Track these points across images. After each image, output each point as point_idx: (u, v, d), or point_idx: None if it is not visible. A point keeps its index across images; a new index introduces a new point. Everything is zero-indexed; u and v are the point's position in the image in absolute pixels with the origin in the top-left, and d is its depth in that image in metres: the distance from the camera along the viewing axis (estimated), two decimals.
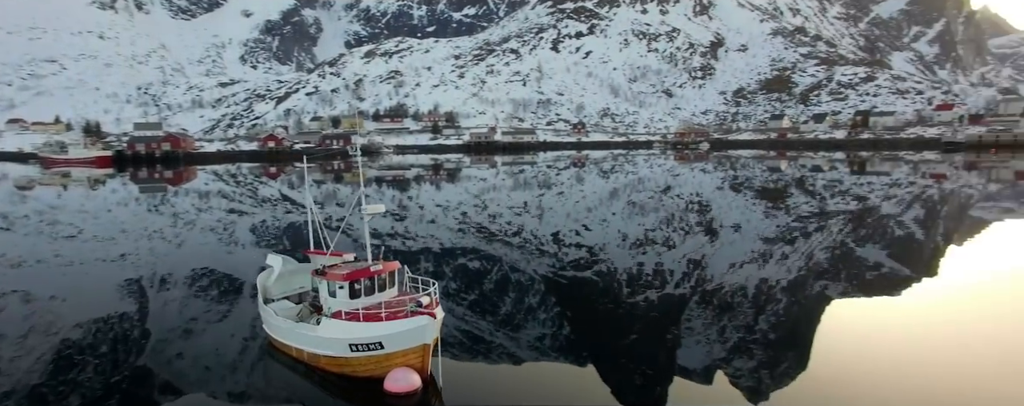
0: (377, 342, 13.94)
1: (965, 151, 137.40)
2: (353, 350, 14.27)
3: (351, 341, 14.19)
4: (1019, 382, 14.44)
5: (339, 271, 15.43)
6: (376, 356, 14.09)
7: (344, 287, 15.01)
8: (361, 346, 14.13)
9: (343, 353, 14.48)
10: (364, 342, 14.06)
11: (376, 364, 14.17)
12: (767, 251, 32.55)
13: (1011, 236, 38.30)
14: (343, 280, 14.98)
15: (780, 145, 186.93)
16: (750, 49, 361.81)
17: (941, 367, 15.61)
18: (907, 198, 59.89)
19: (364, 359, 14.26)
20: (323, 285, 15.64)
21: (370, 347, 14.04)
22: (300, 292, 18.78)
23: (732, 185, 76.32)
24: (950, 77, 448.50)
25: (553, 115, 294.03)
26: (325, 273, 15.60)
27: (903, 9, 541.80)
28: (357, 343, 14.14)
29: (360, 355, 14.25)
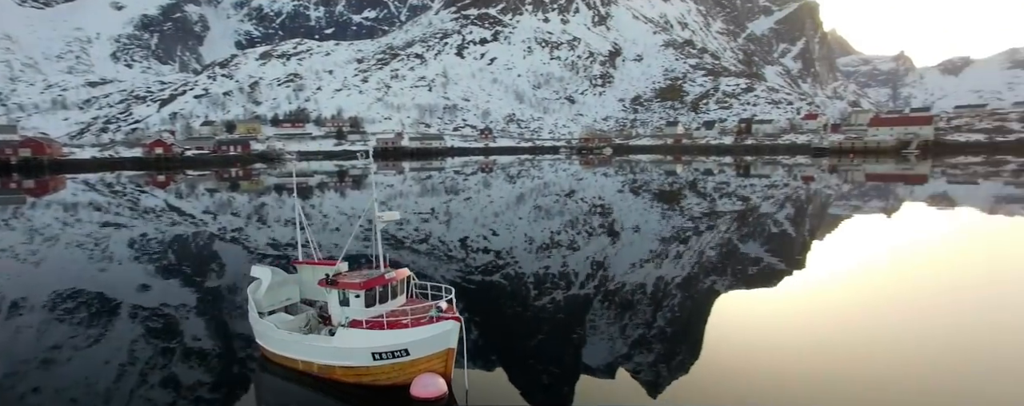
0: (403, 349, 13.88)
1: (829, 156, 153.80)
2: (376, 358, 14.09)
3: (374, 349, 14.00)
4: (885, 359, 16.26)
5: (352, 280, 15.03)
6: (400, 363, 14.02)
7: (360, 296, 14.66)
8: (385, 354, 14.00)
9: (364, 362, 14.25)
10: (389, 350, 13.94)
11: (399, 371, 14.10)
12: (663, 250, 34.15)
13: (861, 230, 43.16)
14: (360, 289, 14.63)
15: (676, 150, 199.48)
16: (645, 59, 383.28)
17: (815, 349, 17.25)
18: (782, 198, 65.89)
19: (387, 367, 14.13)
20: (333, 295, 15.19)
21: (395, 354, 13.96)
22: (287, 304, 17.83)
23: (632, 188, 79.54)
24: (811, 90, 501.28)
25: (460, 120, 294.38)
26: (336, 282, 15.09)
27: (772, 28, 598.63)
28: (381, 351, 13.99)
29: (383, 363, 14.10)
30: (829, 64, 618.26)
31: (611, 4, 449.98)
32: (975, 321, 19.88)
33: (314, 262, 17.54)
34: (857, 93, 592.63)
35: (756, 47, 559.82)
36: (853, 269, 29.08)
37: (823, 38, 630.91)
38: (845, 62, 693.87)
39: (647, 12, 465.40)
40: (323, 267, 16.95)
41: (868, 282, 26.26)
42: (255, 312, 16.75)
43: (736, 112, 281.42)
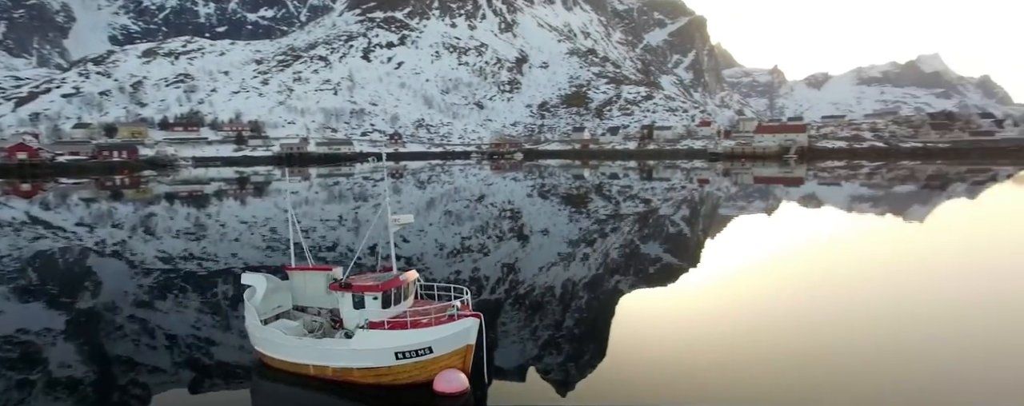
0: (427, 347, 14.17)
1: (723, 160, 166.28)
2: (399, 358, 14.30)
3: (398, 349, 14.21)
4: (777, 346, 17.94)
5: (366, 282, 15.22)
6: (422, 361, 14.28)
7: (378, 297, 14.91)
8: (408, 353, 14.24)
9: (386, 362, 14.44)
10: (413, 348, 14.19)
11: (421, 369, 14.36)
12: (571, 253, 35.15)
13: (749, 227, 47.32)
14: (377, 291, 14.85)
15: (584, 155, 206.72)
16: (551, 66, 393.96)
17: (711, 340, 18.65)
18: (680, 200, 70.35)
19: (409, 366, 14.37)
20: (347, 298, 15.26)
21: (418, 353, 14.22)
22: (279, 311, 17.33)
23: (541, 192, 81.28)
24: (702, 99, 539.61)
25: (368, 125, 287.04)
26: (350, 285, 15.15)
27: (666, 39, 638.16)
28: (405, 350, 14.21)
29: (406, 362, 14.32)
30: (716, 75, 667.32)
31: (517, 12, 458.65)
32: (848, 307, 22.44)
33: (308, 268, 17.43)
34: (740, 102, 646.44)
35: (652, 57, 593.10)
36: (742, 263, 31.73)
37: (711, 51, 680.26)
38: (729, 73, 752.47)
39: (552, 21, 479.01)
40: (317, 272, 17.01)
41: (754, 275, 28.73)
42: (256, 319, 16.18)
43: (637, 118, 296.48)
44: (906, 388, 14.65)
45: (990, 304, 22.45)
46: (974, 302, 22.80)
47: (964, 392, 14.58)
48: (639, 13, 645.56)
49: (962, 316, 20.99)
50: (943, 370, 15.99)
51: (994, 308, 21.91)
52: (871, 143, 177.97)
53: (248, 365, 16.85)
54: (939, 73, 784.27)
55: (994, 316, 20.91)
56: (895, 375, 15.42)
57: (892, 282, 26.81)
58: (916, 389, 14.66)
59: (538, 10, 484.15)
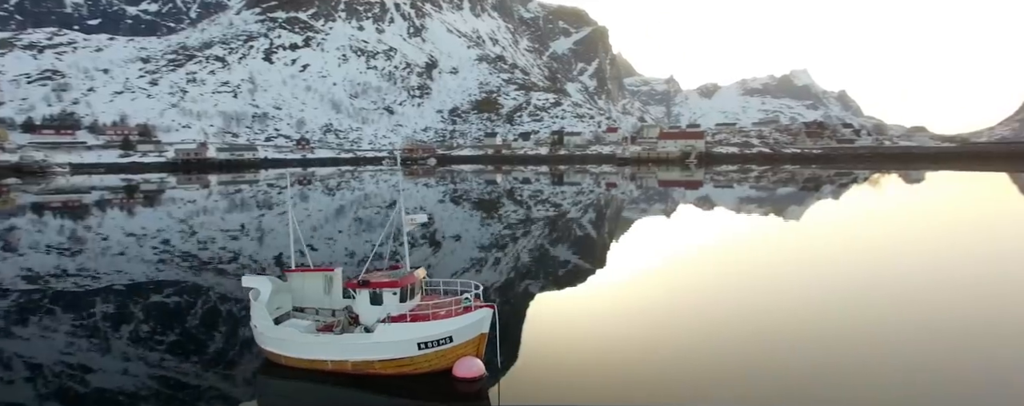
0: (448, 336, 15.10)
1: (631, 165, 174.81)
2: (421, 348, 15.10)
3: (420, 339, 15.03)
4: (686, 342, 19.58)
5: (384, 279, 15.96)
6: (443, 350, 15.16)
7: (396, 293, 15.73)
8: (430, 343, 15.06)
9: (408, 353, 15.19)
10: (435, 338, 15.05)
11: (440, 358, 15.22)
12: (483, 257, 35.80)
13: (653, 227, 50.92)
14: (396, 287, 15.69)
15: (497, 160, 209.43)
16: (461, 72, 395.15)
17: (625, 339, 20.03)
18: (588, 203, 73.89)
19: (431, 355, 15.19)
20: (364, 295, 15.94)
21: (440, 342, 15.08)
22: (279, 313, 17.38)
23: (453, 198, 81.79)
24: (605, 105, 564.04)
25: (272, 130, 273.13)
26: (368, 283, 15.87)
27: (571, 48, 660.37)
28: (426, 340, 15.02)
29: (427, 352, 15.14)
30: (618, 83, 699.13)
31: (426, 16, 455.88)
32: (743, 298, 25.06)
33: (307, 269, 18.03)
34: (641, 109, 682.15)
35: (559, 65, 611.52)
36: (648, 261, 34.17)
37: (613, 60, 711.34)
38: (630, 82, 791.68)
39: (461, 26, 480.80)
40: (315, 274, 17.73)
41: (660, 271, 31.15)
42: (267, 320, 16.46)
43: (547, 124, 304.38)
44: (799, 373, 16.82)
45: (867, 289, 26.17)
46: (852, 288, 26.42)
47: (851, 372, 17.10)
48: (545, 22, 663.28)
49: (848, 301, 24.19)
50: (829, 352, 18.46)
51: (871, 292, 25.58)
52: (759, 149, 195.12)
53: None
54: (808, 86, 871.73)
55: (871, 300, 24.43)
56: (785, 361, 17.69)
57: (777, 273, 30.36)
58: (808, 374, 16.84)
59: (447, 16, 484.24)
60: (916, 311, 22.29)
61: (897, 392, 14.50)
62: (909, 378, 15.58)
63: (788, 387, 14.91)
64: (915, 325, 20.40)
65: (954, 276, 28.31)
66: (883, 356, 17.19)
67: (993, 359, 16.93)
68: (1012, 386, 15.07)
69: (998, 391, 14.65)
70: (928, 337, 18.99)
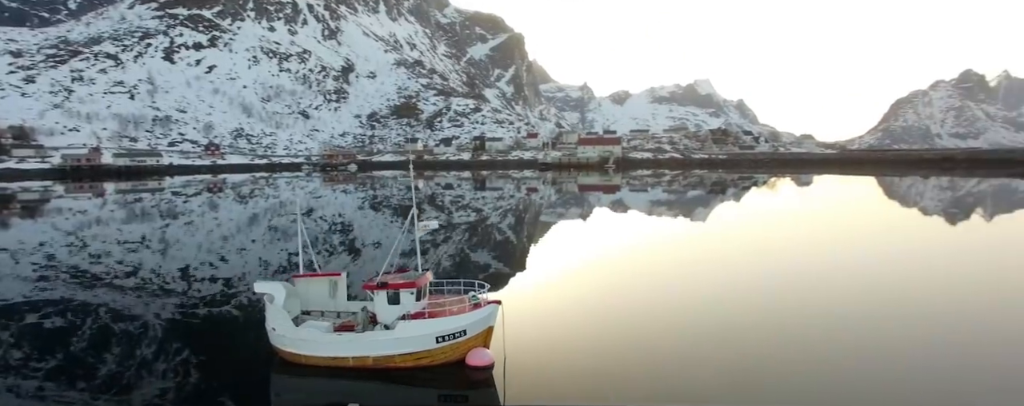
0: (462, 330, 16.88)
1: (553, 170, 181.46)
2: (438, 341, 16.77)
3: (438, 334, 16.70)
4: (613, 343, 20.14)
5: (401, 280, 17.59)
6: (457, 343, 16.93)
7: (413, 292, 17.37)
8: (447, 336, 16.77)
9: (426, 346, 16.79)
10: (451, 332, 16.78)
11: (454, 350, 16.97)
12: (402, 265, 36.04)
13: (574, 229, 55.34)
14: (412, 287, 17.36)
15: (419, 166, 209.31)
16: (379, 76, 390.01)
17: (559, 344, 20.24)
18: (509, 208, 77.15)
19: (447, 347, 16.91)
20: (382, 296, 17.46)
21: (455, 336, 16.83)
22: (289, 316, 18.06)
23: (373, 204, 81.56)
24: (523, 111, 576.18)
25: (176, 135, 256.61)
26: (387, 285, 17.40)
27: (488, 54, 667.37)
28: (444, 334, 16.73)
29: (444, 345, 16.86)
30: (534, 89, 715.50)
31: (341, 19, 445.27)
32: (661, 295, 29.78)
33: (314, 274, 19.23)
34: (557, 115, 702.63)
35: (476, 71, 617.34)
36: (571, 261, 37.04)
37: (529, 67, 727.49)
38: (545, 88, 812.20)
39: (377, 30, 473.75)
40: (321, 278, 19.10)
41: (582, 272, 33.84)
42: (287, 322, 17.50)
43: (467, 130, 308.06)
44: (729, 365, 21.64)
45: (790, 279, 32.24)
46: (757, 279, 32.38)
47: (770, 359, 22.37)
48: (462, 27, 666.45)
49: (752, 294, 29.78)
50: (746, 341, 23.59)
51: (794, 281, 31.62)
52: (671, 155, 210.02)
53: None
54: (710, 95, 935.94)
55: (777, 290, 30.37)
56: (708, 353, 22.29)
57: (683, 268, 36.14)
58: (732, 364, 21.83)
59: (363, 19, 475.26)
60: (822, 299, 27.89)
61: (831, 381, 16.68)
62: (828, 364, 18.98)
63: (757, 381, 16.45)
64: (822, 312, 25.97)
65: (853, 265, 35.27)
66: (807, 342, 22.62)
67: (883, 337, 22.80)
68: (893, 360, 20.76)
69: (895, 369, 19.93)
70: (833, 323, 24.27)
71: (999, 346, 19.55)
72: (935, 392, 15.68)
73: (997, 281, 30.34)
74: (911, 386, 15.92)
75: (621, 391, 15.08)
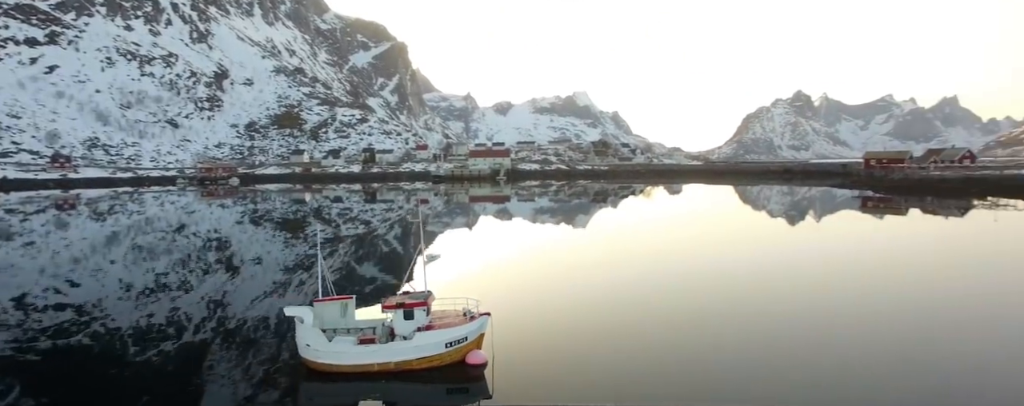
0: (465, 337, 21.10)
1: (445, 182, 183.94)
2: (447, 347, 20.78)
3: (448, 341, 20.79)
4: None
5: (415, 300, 21.50)
6: (461, 347, 21.05)
7: (425, 310, 21.39)
8: (454, 342, 20.89)
9: (437, 351, 20.72)
10: (457, 339, 20.97)
11: (458, 353, 21.04)
12: (285, 280, 36.01)
13: (458, 240, 58.80)
14: (424, 306, 21.36)
15: (307, 179, 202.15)
16: (256, 84, 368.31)
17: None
18: (397, 219, 79.86)
19: (453, 351, 20.93)
20: (399, 313, 21.22)
21: (459, 342, 21.00)
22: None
23: (253, 218, 79.71)
24: (408, 121, 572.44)
25: (9, 143, 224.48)
26: (404, 304, 21.26)
27: (371, 62, 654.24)
28: (452, 341, 20.86)
29: (451, 349, 20.85)
30: (419, 99, 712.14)
31: (210, 21, 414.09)
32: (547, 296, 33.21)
33: (331, 298, 22.55)
34: (442, 125, 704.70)
35: (360, 79, 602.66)
36: (453, 271, 38.70)
37: (413, 76, 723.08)
38: (429, 98, 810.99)
39: (252, 35, 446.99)
40: (334, 302, 22.57)
41: (467, 281, 35.77)
42: (320, 338, 20.82)
43: (354, 141, 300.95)
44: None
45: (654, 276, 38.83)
46: (641, 276, 38.89)
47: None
48: (343, 34, 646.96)
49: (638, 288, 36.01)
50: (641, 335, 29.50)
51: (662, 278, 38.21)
52: (557, 166, 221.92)
53: None
54: (588, 107, 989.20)
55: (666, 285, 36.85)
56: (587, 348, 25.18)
57: (571, 267, 42.18)
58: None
59: (236, 22, 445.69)
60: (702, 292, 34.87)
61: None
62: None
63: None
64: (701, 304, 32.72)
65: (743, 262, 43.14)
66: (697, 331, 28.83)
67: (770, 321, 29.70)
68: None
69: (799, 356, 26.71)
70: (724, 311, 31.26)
71: (835, 317, 27.24)
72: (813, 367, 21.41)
73: (826, 267, 40.14)
74: (791, 364, 22.04)
75: (583, 379, 19.92)
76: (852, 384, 18.87)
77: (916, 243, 54.05)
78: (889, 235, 61.12)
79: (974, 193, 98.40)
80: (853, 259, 44.24)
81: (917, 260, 44.56)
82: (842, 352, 22.02)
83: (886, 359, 20.95)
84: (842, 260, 43.71)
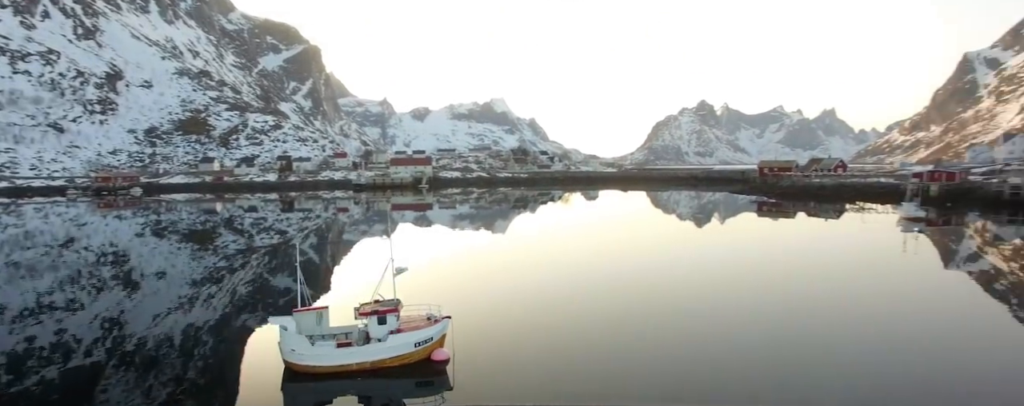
0: (431, 337, 24.33)
1: (367, 191, 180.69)
2: (416, 346, 23.90)
3: (417, 341, 23.98)
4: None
5: (387, 307, 24.32)
6: (428, 346, 24.22)
7: (396, 315, 24.33)
8: (422, 342, 24.05)
9: (408, 350, 23.81)
10: (425, 339, 24.15)
11: (425, 351, 24.18)
12: (194, 294, 35.69)
13: (374, 247, 60.73)
14: (395, 312, 24.31)
15: (219, 188, 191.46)
16: (156, 86, 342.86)
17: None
18: (314, 228, 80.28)
19: (421, 350, 24.04)
20: (374, 319, 24.01)
21: (427, 342, 24.21)
22: None
23: (155, 230, 77.00)
24: (323, 127, 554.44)
25: None
26: (378, 311, 24.11)
27: (282, 66, 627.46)
28: (420, 341, 24.03)
29: (419, 348, 23.96)
30: (333, 104, 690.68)
31: (99, 16, 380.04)
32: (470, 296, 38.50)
33: (309, 308, 25.19)
34: (359, 131, 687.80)
35: (271, 83, 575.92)
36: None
37: (327, 80, 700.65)
38: (344, 103, 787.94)
39: (149, 33, 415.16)
40: (310, 312, 24.99)
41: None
42: (304, 344, 23.33)
43: (268, 148, 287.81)
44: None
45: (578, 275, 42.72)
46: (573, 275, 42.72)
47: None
48: (251, 35, 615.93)
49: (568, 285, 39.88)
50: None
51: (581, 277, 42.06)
52: (478, 173, 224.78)
53: None
54: (505, 113, 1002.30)
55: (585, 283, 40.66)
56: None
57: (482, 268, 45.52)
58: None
59: (129, 19, 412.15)
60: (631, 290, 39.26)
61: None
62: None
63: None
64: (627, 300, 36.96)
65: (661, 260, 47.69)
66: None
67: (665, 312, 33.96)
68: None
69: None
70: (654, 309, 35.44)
71: (721, 300, 31.95)
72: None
73: (735, 265, 46.07)
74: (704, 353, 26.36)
75: (531, 371, 23.39)
76: (776, 367, 23.21)
77: (803, 242, 62.95)
78: (781, 235, 70.69)
79: (846, 198, 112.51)
80: (756, 257, 51.78)
81: (804, 258, 52.78)
82: (764, 343, 26.49)
83: (792, 343, 25.93)
84: (749, 258, 51.02)
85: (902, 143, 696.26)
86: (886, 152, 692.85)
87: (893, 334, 26.96)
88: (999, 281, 40.88)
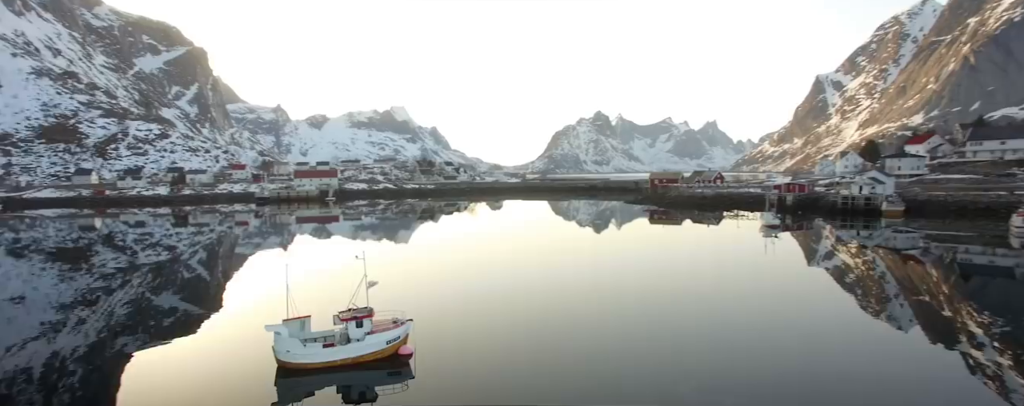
0: (398, 336, 29.46)
1: (271, 204, 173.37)
2: (388, 343, 28.95)
3: (389, 339, 29.03)
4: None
5: (363, 313, 28.93)
6: (397, 343, 29.27)
7: (371, 319, 29.14)
8: (393, 340, 29.17)
9: (382, 347, 28.78)
10: (395, 338, 29.28)
11: (394, 347, 29.13)
12: (63, 319, 35.37)
13: (271, 262, 62.85)
14: (370, 317, 29.04)
15: (99, 203, 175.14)
16: (8, 88, 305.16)
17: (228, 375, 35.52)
18: (210, 242, 79.84)
19: (392, 347, 29.05)
20: (353, 323, 28.69)
21: (395, 340, 29.25)
22: None
23: (13, 250, 73.98)
24: (211, 135, 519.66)
25: None
26: (356, 317, 28.73)
27: (162, 68, 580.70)
28: (392, 339, 29.11)
29: (390, 346, 29.01)
30: (222, 110, 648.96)
31: None
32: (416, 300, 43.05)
33: (296, 317, 29.55)
34: (251, 139, 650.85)
35: (150, 87, 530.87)
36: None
37: (215, 85, 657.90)
38: (234, 109, 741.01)
39: None
40: (295, 320, 29.34)
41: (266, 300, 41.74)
42: (297, 345, 27.85)
43: (154, 159, 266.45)
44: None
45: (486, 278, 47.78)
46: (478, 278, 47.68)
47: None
48: (123, 34, 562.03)
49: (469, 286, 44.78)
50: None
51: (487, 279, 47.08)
52: (384, 185, 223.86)
53: None
54: (407, 121, 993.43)
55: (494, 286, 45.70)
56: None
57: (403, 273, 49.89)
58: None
59: None
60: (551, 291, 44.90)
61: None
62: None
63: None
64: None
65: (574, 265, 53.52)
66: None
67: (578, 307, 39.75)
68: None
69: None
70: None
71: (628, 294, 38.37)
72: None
73: (632, 263, 52.98)
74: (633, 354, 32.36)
75: (484, 366, 28.49)
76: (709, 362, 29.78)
77: (689, 245, 74.51)
78: (672, 238, 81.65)
79: (724, 206, 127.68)
80: (650, 259, 61.38)
81: (689, 257, 63.03)
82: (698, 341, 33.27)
83: (701, 339, 32.10)
84: (645, 260, 60.28)
85: (772, 153, 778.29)
86: (760, 161, 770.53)
87: (747, 324, 34.82)
88: (844, 273, 53.28)
